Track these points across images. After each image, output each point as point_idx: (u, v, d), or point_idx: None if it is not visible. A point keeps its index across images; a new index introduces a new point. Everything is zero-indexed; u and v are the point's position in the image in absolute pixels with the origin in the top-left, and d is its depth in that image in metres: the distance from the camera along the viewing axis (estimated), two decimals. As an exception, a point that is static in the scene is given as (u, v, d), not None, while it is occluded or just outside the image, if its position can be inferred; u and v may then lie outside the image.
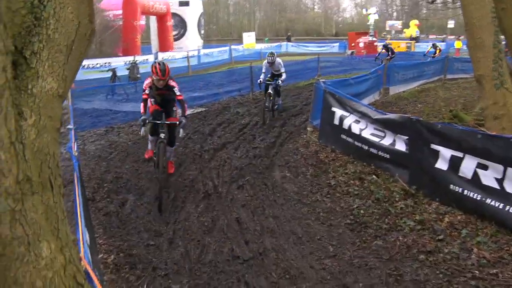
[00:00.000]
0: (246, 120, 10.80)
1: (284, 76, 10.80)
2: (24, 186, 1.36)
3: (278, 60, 10.74)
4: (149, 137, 6.79)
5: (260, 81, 10.74)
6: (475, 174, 4.92)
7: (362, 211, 5.46)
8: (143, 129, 6.35)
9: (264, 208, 5.65)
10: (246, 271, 4.18)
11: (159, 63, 6.10)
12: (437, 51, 19.78)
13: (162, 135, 6.13)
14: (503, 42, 5.76)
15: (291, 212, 5.56)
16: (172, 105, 6.67)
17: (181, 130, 6.20)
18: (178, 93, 6.24)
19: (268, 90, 10.60)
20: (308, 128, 9.02)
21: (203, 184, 6.48)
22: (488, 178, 4.78)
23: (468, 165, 5.01)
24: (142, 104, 6.18)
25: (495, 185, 4.70)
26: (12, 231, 1.33)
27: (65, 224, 1.58)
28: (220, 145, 8.55)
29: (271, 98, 10.65)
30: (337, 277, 4.08)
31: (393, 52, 18.30)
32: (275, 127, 9.93)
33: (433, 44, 20.65)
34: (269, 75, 11.00)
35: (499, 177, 4.65)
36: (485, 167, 4.82)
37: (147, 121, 6.09)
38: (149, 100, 6.40)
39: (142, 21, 28.35)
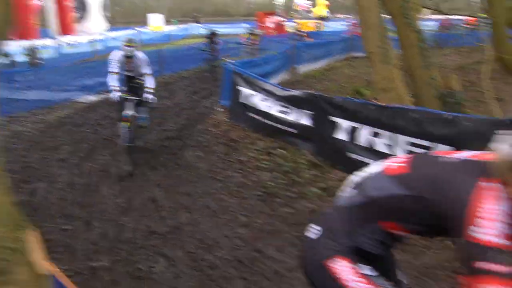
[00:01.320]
0: (160, 102, 10.73)
1: (150, 80, 6.70)
2: None
3: (139, 54, 6.78)
4: None
5: (115, 89, 6.32)
6: (370, 141, 5.45)
7: (271, 183, 5.80)
8: None
9: (178, 186, 5.80)
10: (163, 245, 4.34)
11: None
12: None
13: None
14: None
15: (204, 188, 5.75)
16: None
17: None
18: None
19: (125, 109, 6.33)
20: (218, 109, 9.22)
21: (116, 168, 6.47)
22: (380, 144, 5.33)
23: (364, 134, 5.52)
24: None
25: (386, 150, 5.24)
26: None
27: None
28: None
29: (131, 123, 6.38)
30: (250, 243, 4.38)
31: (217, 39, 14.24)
32: (185, 109, 10.02)
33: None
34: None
35: (389, 143, 5.20)
36: (377, 135, 5.36)
37: None
38: None
39: (37, 1, 26.33)
